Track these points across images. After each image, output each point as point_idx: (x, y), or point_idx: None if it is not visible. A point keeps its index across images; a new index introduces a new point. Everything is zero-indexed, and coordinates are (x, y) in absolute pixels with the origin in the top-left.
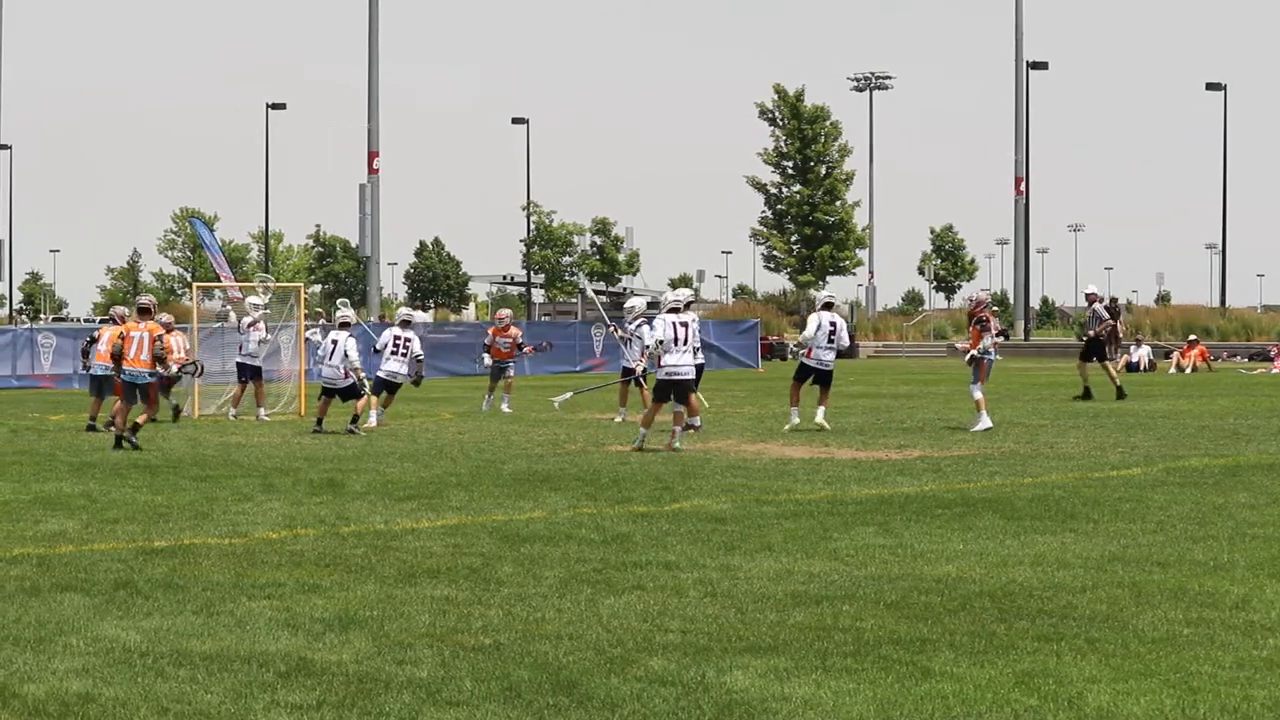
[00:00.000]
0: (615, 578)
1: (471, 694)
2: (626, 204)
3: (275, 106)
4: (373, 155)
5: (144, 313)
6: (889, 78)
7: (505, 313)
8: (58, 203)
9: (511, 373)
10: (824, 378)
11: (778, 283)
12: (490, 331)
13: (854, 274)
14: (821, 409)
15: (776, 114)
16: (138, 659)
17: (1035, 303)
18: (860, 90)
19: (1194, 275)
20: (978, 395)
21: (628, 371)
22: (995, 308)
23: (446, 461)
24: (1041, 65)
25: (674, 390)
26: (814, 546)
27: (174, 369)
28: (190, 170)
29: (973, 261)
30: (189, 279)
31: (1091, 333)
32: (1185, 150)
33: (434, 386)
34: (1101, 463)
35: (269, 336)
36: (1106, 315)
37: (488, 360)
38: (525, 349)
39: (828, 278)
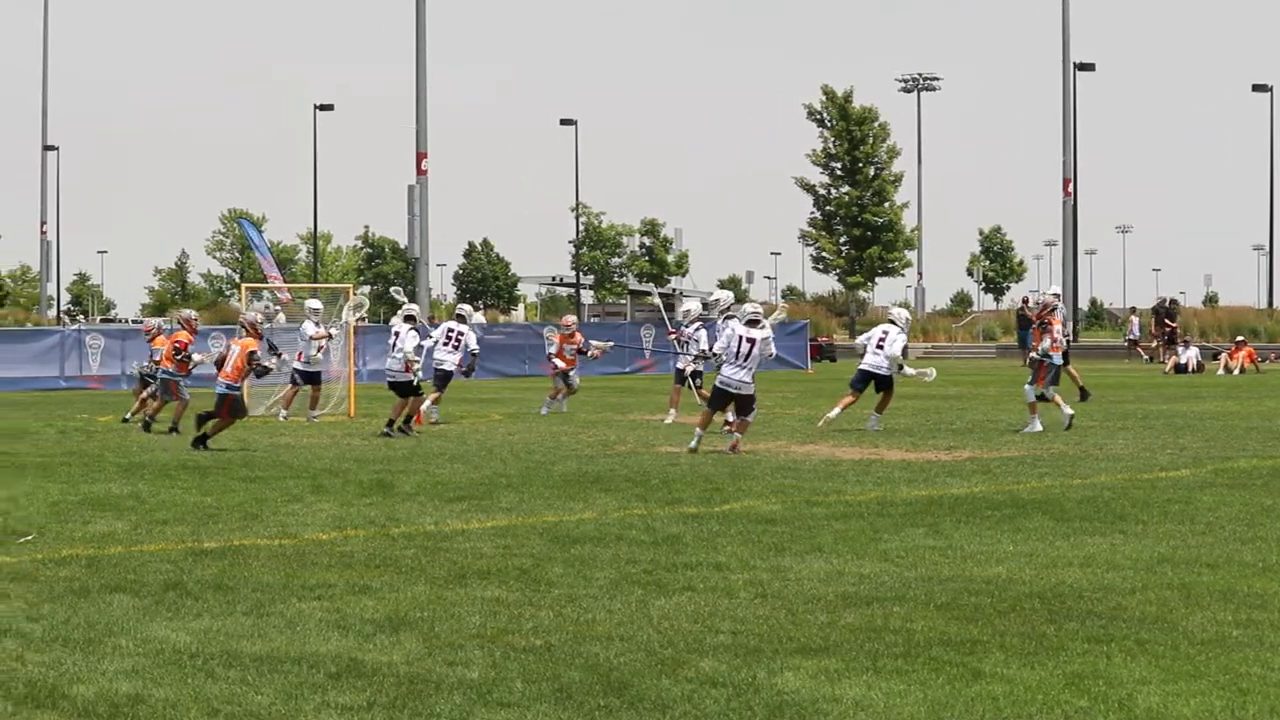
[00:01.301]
0: (666, 579)
1: (522, 695)
2: (675, 205)
3: (323, 108)
4: (421, 156)
5: (248, 327)
6: (936, 79)
7: (571, 319)
8: (105, 203)
9: (575, 380)
10: (882, 382)
11: (826, 284)
12: (556, 339)
13: (903, 275)
14: (874, 415)
15: (824, 115)
16: (187, 660)
17: (1084, 304)
18: (908, 91)
19: (1241, 276)
20: (1031, 397)
21: (680, 374)
22: (1062, 308)
23: (496, 462)
24: (1088, 66)
25: (731, 401)
26: (864, 548)
27: (273, 362)
28: (238, 171)
29: (1021, 263)
30: (237, 280)
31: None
32: (1232, 151)
33: (483, 387)
34: (1150, 464)
35: (320, 355)
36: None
37: (561, 364)
38: (590, 353)
39: (876, 279)
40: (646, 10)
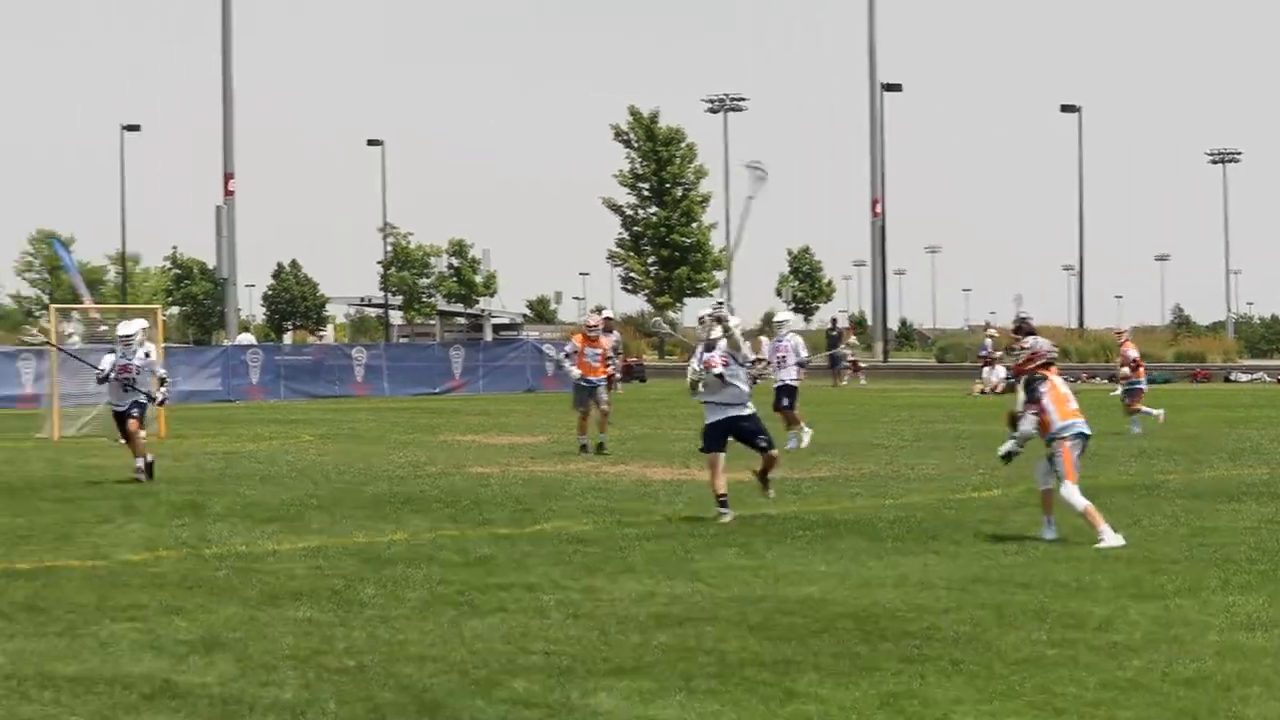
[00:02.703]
0: (478, 599)
1: (336, 716)
2: (484, 225)
3: (130, 128)
4: (229, 177)
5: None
6: (743, 99)
7: (597, 319)
8: None
9: (604, 396)
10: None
11: (635, 304)
12: (576, 339)
13: (711, 295)
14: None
15: (631, 136)
16: (1, 681)
17: (893, 324)
18: (715, 112)
19: (1052, 297)
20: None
21: (785, 391)
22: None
23: (307, 484)
24: (896, 87)
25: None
26: (676, 568)
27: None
28: (46, 192)
29: (830, 283)
30: (46, 301)
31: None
32: (1041, 172)
33: (293, 409)
34: (963, 484)
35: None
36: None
37: (575, 372)
38: (614, 376)
39: (685, 299)
40: (455, 29)
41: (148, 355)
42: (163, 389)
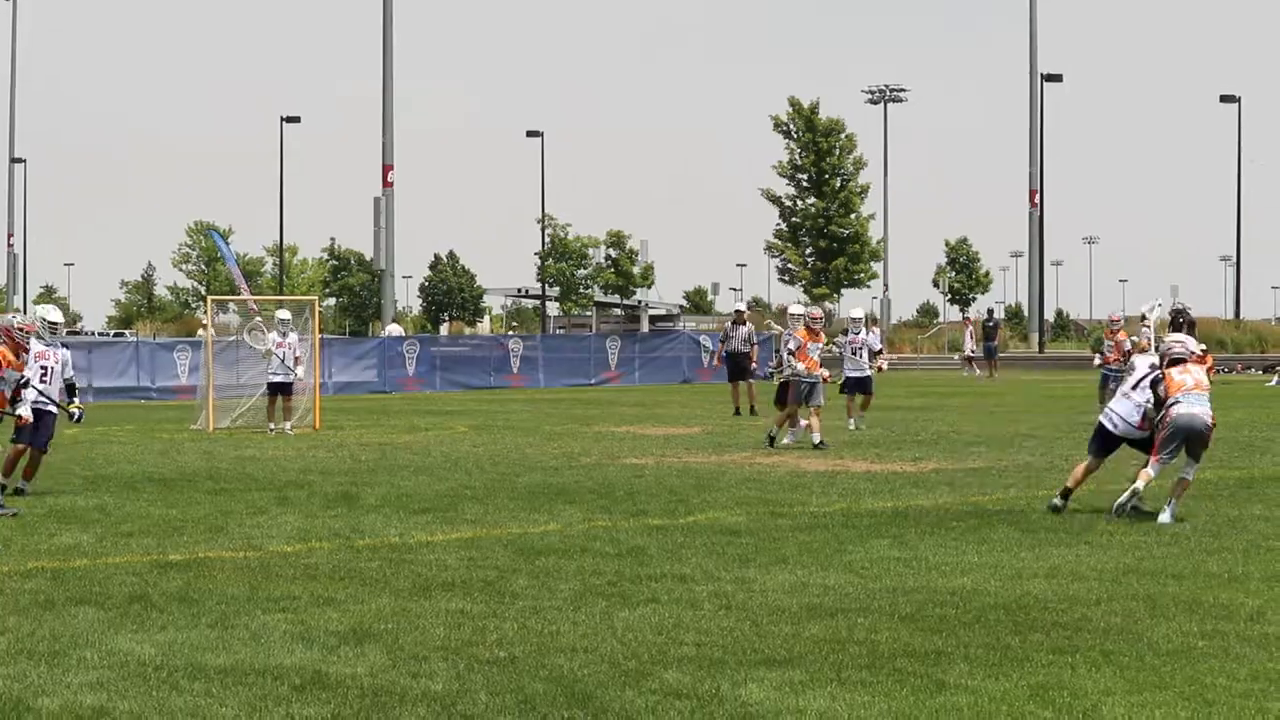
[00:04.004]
0: (630, 590)
1: (486, 707)
2: (641, 217)
3: (290, 120)
4: (387, 168)
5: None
6: (903, 90)
7: (818, 311)
8: (71, 216)
9: (821, 394)
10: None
11: (793, 295)
12: (800, 334)
13: (869, 286)
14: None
15: (791, 127)
16: (152, 672)
17: (1050, 315)
18: (875, 103)
19: (1208, 287)
20: None
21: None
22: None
23: (461, 474)
24: (1056, 78)
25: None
26: (829, 559)
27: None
28: (205, 183)
29: (987, 274)
30: (203, 292)
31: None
32: (1199, 162)
33: (448, 399)
34: (1116, 475)
35: (300, 354)
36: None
37: (800, 367)
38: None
39: (842, 290)
40: (614, 22)
41: (65, 347)
42: (75, 400)
